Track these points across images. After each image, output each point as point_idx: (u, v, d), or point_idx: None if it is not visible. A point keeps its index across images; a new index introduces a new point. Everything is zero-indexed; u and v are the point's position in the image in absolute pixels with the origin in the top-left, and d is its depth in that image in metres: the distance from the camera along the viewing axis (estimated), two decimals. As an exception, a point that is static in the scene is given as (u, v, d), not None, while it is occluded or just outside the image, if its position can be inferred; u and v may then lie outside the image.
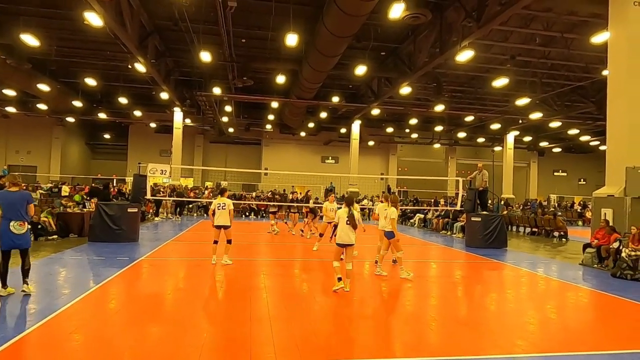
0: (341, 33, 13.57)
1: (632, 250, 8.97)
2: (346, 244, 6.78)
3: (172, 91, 22.80)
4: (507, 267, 10.23)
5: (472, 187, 14.46)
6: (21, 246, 5.95)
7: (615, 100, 10.93)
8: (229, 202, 8.88)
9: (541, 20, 15.23)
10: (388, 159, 37.76)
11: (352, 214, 6.73)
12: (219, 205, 8.77)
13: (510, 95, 23.23)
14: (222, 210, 8.72)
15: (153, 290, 6.84)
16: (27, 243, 6.06)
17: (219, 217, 8.67)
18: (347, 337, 4.97)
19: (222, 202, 8.79)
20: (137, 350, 4.23)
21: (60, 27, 17.26)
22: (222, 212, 8.71)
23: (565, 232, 16.94)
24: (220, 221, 8.66)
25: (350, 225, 6.69)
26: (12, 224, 5.83)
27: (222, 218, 8.68)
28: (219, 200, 8.89)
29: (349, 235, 6.72)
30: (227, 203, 8.84)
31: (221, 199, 8.91)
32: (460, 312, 6.38)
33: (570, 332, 5.39)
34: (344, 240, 6.75)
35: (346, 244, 6.78)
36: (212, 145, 36.62)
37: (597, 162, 33.69)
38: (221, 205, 8.77)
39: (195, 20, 15.15)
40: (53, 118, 30.92)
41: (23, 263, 6.00)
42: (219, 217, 8.68)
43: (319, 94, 23.01)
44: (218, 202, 8.84)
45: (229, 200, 8.99)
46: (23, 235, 5.93)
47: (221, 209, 8.73)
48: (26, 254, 6.03)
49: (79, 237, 12.39)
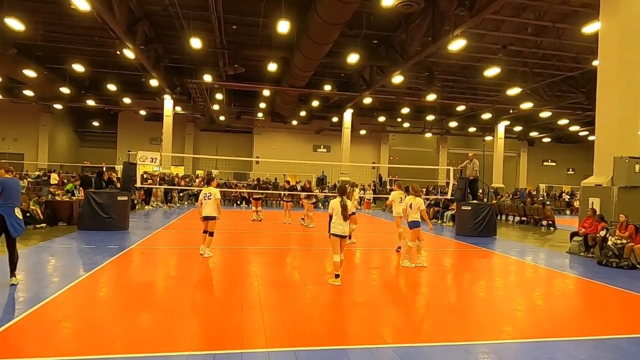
0: (333, 20, 13.44)
1: (618, 239, 9.14)
2: (343, 235, 6.58)
3: (162, 78, 22.48)
4: (496, 255, 10.37)
5: (462, 176, 14.54)
6: (21, 232, 5.94)
7: (604, 90, 11.01)
8: (215, 192, 8.50)
9: (533, 9, 15.24)
10: (380, 148, 37.83)
11: (344, 204, 6.57)
12: (205, 195, 8.47)
13: (502, 85, 23.30)
14: (208, 200, 8.43)
15: (143, 279, 6.82)
16: (23, 229, 6.07)
17: (205, 208, 8.40)
18: (337, 324, 5.02)
19: (208, 192, 8.47)
20: (127, 338, 4.23)
21: (46, 11, 16.85)
22: (207, 202, 8.42)
23: (553, 221, 17.19)
24: (206, 212, 8.38)
25: (343, 215, 6.49)
26: (16, 210, 5.84)
27: (208, 209, 8.39)
28: (205, 190, 8.58)
29: (345, 226, 6.54)
30: (213, 193, 8.47)
31: (207, 188, 8.60)
32: (449, 299, 6.47)
33: (557, 318, 5.49)
34: (341, 231, 6.53)
35: (343, 235, 6.58)
36: (203, 134, 36.33)
37: (586, 152, 34.13)
38: (207, 195, 8.46)
39: (185, 5, 14.90)
40: (40, 105, 30.38)
41: (12, 255, 5.90)
42: (205, 208, 8.41)
43: (311, 82, 22.86)
44: (204, 193, 8.53)
45: (215, 189, 8.61)
46: (22, 221, 5.97)
47: (207, 199, 8.43)
48: (15, 244, 5.96)
49: (68, 225, 12.26)
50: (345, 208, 6.52)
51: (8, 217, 5.71)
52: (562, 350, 4.30)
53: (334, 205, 6.64)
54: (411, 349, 4.23)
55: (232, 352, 3.96)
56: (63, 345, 4.03)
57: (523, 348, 4.41)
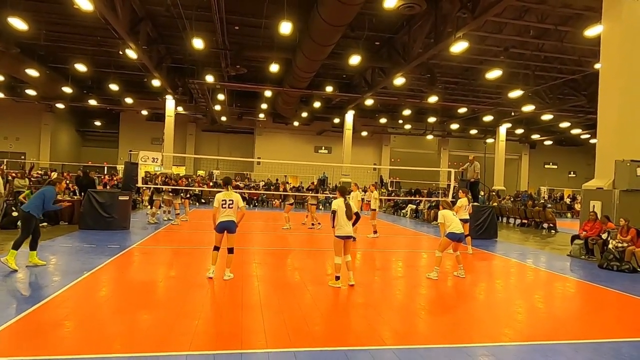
0: (336, 22, 13.46)
1: (619, 242, 9.13)
2: (348, 236, 6.51)
3: (164, 78, 22.52)
4: (496, 257, 10.36)
5: (464, 178, 14.54)
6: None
7: (606, 93, 11.01)
8: (237, 199, 6.67)
9: (535, 12, 15.25)
10: (381, 149, 37.82)
11: (348, 203, 6.48)
12: (224, 202, 6.58)
13: (503, 87, 23.31)
14: (228, 209, 6.57)
15: (144, 278, 6.83)
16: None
17: (224, 217, 6.56)
18: (338, 325, 5.02)
19: (229, 199, 6.61)
20: (127, 338, 4.24)
21: (49, 11, 16.90)
22: (226, 211, 6.56)
23: (554, 223, 17.16)
24: (224, 219, 6.56)
25: (347, 215, 6.40)
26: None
27: (227, 218, 6.56)
28: (223, 196, 6.63)
29: (350, 226, 6.45)
30: (236, 200, 6.64)
31: (227, 193, 6.67)
32: (450, 301, 6.46)
33: (557, 321, 5.48)
34: (347, 232, 6.43)
35: (348, 236, 6.51)
36: (204, 134, 36.36)
37: (587, 155, 34.11)
38: (227, 202, 6.59)
39: (187, 6, 14.92)
40: (42, 104, 30.43)
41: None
42: (223, 216, 6.57)
43: (313, 83, 22.89)
44: (223, 198, 6.60)
45: (237, 195, 6.73)
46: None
47: (227, 208, 6.57)
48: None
49: (69, 224, 12.29)
50: (349, 207, 6.45)
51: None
52: (562, 353, 4.30)
53: (338, 205, 6.52)
54: (411, 351, 4.23)
55: (232, 352, 3.96)
56: (64, 344, 4.03)
57: (523, 351, 4.40)
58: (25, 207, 6.99)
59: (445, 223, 7.49)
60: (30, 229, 6.90)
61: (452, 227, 7.41)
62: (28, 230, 6.88)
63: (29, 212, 6.87)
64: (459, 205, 10.19)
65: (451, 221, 7.46)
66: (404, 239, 13.81)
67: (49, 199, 7.07)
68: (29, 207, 6.91)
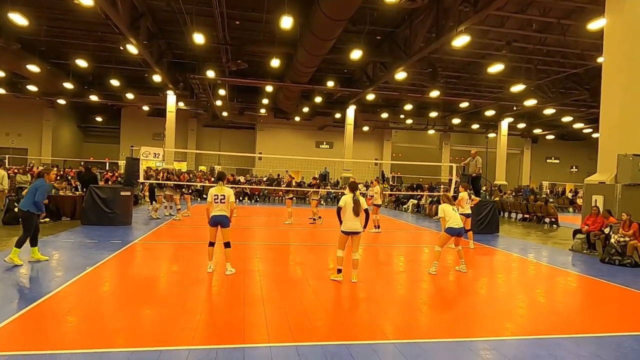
0: (337, 16, 13.39)
1: (621, 237, 9.11)
2: (354, 232, 6.43)
3: (165, 74, 22.48)
4: (498, 252, 10.36)
5: (465, 173, 14.50)
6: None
7: (609, 87, 10.94)
8: (229, 194, 6.74)
9: (538, 5, 15.15)
10: (382, 144, 37.76)
11: (357, 199, 6.39)
12: (216, 197, 6.67)
13: (505, 81, 23.20)
14: (220, 204, 6.66)
15: (147, 273, 6.85)
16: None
17: (216, 211, 6.65)
18: (339, 320, 5.04)
19: (221, 194, 6.68)
20: (130, 332, 4.25)
21: (49, 6, 16.86)
22: (219, 206, 6.65)
23: (556, 218, 17.13)
24: (216, 213, 6.65)
25: (355, 211, 6.34)
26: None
27: (220, 212, 6.66)
28: (215, 191, 6.70)
29: (356, 222, 6.39)
30: (227, 195, 6.70)
31: (219, 188, 6.73)
32: (451, 296, 6.47)
33: (559, 315, 5.48)
34: (352, 228, 6.37)
35: (354, 232, 6.43)
36: (205, 129, 36.35)
37: (590, 149, 33.97)
38: (219, 197, 6.66)
39: (188, 0, 14.87)
40: (44, 100, 30.46)
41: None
42: (216, 211, 6.65)
43: (314, 78, 22.82)
44: (215, 193, 6.68)
45: (230, 190, 6.82)
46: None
47: (218, 203, 6.65)
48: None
49: (71, 220, 12.33)
50: (357, 203, 6.38)
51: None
52: (564, 348, 4.30)
53: (347, 201, 6.45)
54: (413, 345, 4.24)
55: (234, 346, 3.98)
56: (67, 338, 4.06)
57: (524, 345, 4.41)
58: (23, 206, 6.94)
59: (445, 217, 7.49)
60: (32, 226, 6.90)
61: (451, 222, 7.40)
62: (30, 228, 6.88)
63: (28, 211, 6.84)
64: (460, 198, 10.18)
65: (451, 216, 7.45)
66: (406, 234, 13.82)
67: (42, 191, 6.95)
68: (27, 206, 6.86)
